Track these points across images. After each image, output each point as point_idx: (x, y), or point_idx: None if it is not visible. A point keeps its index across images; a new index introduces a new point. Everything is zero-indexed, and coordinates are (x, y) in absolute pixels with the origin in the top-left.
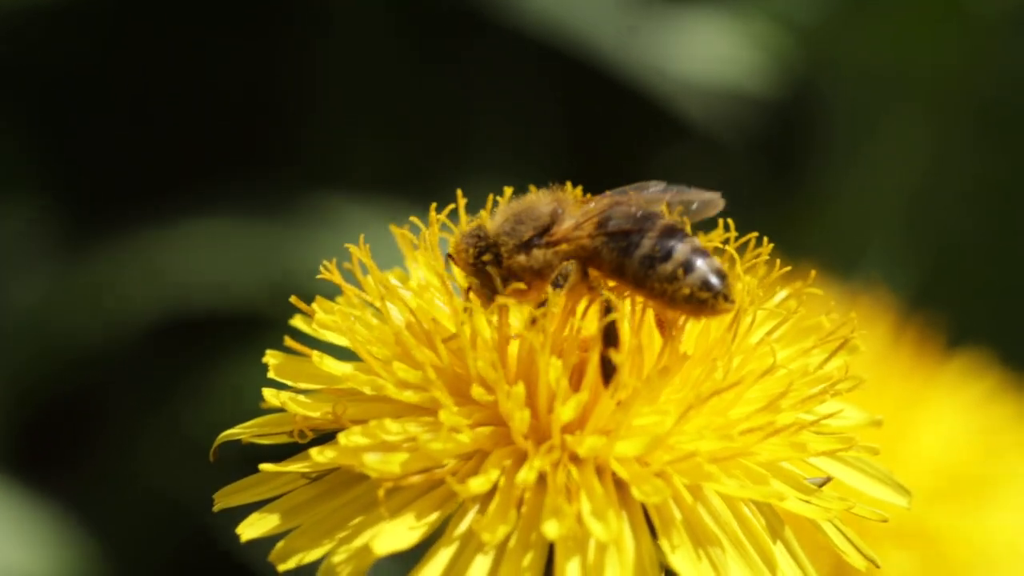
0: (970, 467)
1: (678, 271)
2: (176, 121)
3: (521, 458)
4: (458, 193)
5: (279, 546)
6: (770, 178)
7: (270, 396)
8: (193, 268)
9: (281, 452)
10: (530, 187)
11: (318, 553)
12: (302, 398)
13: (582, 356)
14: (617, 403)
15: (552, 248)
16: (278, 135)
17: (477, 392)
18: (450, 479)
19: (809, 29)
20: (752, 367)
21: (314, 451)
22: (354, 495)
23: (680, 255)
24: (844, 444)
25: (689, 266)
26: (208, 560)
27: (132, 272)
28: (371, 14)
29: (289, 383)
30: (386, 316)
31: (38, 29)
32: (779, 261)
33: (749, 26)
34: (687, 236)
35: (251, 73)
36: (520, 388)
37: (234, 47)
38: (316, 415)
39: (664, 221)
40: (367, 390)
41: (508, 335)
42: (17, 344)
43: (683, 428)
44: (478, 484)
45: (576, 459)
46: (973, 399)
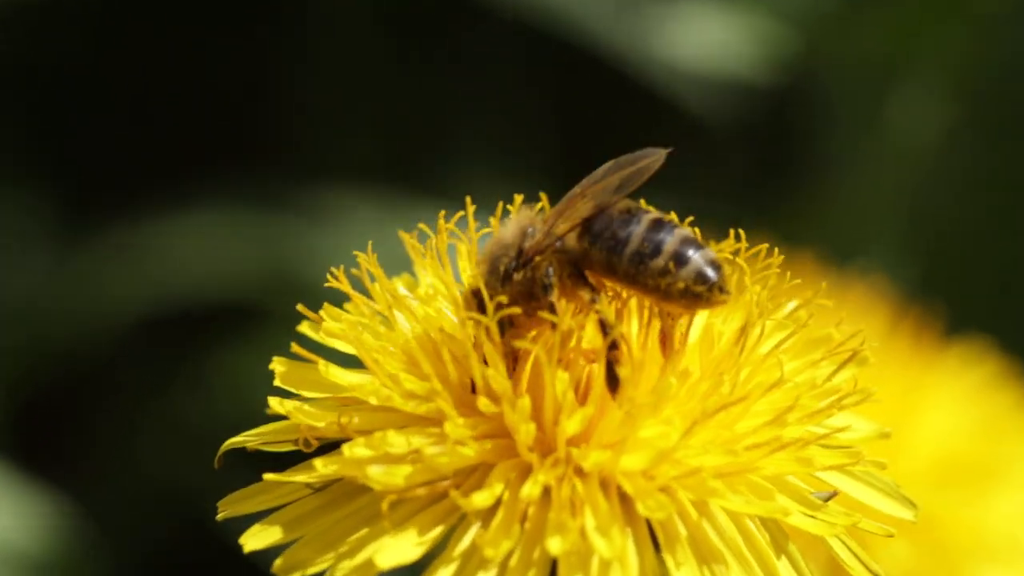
0: (968, 455)
1: (669, 264)
2: (171, 115)
3: (526, 471)
4: (467, 200)
5: (282, 558)
6: (769, 170)
7: (275, 404)
8: (188, 259)
9: (281, 452)
10: (515, 196)
11: (321, 566)
12: (307, 407)
13: (586, 368)
14: (624, 415)
15: (530, 265)
16: (272, 129)
17: (483, 404)
18: (454, 493)
19: (809, 19)
20: (759, 380)
21: (318, 462)
22: (357, 506)
23: (670, 247)
24: (851, 459)
25: (681, 258)
26: (202, 546)
27: (127, 263)
28: (364, 9)
29: (294, 391)
30: (394, 325)
31: (33, 25)
32: (776, 251)
33: (748, 17)
34: (675, 227)
35: (244, 66)
36: (526, 400)
37: (228, 42)
38: (321, 425)
39: (651, 215)
40: (373, 400)
41: (513, 348)
42: (13, 333)
43: (689, 442)
44: (482, 499)
45: (581, 473)
46: (972, 387)
